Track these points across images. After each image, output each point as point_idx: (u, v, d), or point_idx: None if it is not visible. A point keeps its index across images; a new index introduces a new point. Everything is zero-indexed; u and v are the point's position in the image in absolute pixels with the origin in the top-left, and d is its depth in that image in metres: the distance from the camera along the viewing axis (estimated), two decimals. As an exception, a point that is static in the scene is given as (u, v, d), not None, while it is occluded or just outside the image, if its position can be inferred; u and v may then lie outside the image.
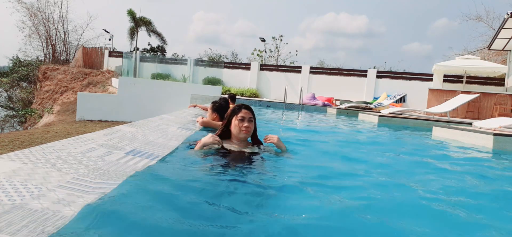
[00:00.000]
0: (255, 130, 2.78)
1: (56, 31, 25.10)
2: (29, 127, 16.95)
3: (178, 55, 32.54)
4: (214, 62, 22.81)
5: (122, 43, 67.00)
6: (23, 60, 23.23)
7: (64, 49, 25.70)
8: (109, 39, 28.24)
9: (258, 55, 27.73)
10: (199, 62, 21.92)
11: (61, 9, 25.51)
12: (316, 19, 56.89)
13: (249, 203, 1.67)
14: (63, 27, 25.26)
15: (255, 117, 2.77)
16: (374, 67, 23.54)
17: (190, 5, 67.91)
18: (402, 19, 57.43)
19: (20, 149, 1.75)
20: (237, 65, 20.56)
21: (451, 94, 12.27)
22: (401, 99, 15.43)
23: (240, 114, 2.67)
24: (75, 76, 20.47)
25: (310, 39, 52.89)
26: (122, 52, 22.65)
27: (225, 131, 2.74)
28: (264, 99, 16.21)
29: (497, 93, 12.10)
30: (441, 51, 57.14)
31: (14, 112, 20.85)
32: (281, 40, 28.32)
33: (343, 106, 12.06)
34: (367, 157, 3.52)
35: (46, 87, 19.95)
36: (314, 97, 15.01)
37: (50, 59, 24.52)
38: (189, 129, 3.69)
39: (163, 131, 3.24)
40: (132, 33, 22.50)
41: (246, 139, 2.75)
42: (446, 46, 67.81)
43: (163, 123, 3.79)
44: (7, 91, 21.98)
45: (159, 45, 29.97)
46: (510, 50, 14.15)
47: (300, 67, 18.61)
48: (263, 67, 19.44)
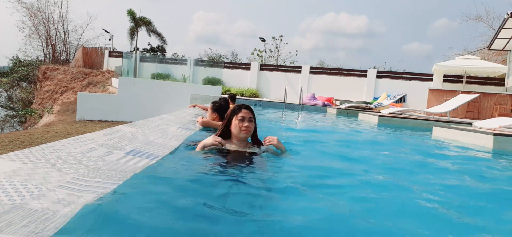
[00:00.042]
0: (255, 130, 2.79)
1: (56, 31, 25.13)
2: (29, 127, 16.95)
3: (178, 55, 32.55)
4: (214, 62, 22.81)
5: (122, 43, 67.06)
6: (23, 60, 23.23)
7: (64, 49, 25.72)
8: (109, 39, 28.25)
9: (258, 55, 27.74)
10: (199, 62, 21.91)
11: (61, 9, 25.54)
12: (316, 19, 56.92)
13: (249, 203, 1.67)
14: (63, 27, 25.28)
15: (255, 117, 2.78)
16: (374, 67, 23.56)
17: (190, 5, 67.94)
18: (402, 19, 57.46)
19: (20, 149, 1.75)
20: (237, 65, 20.55)
21: (451, 94, 12.27)
22: (401, 99, 15.42)
23: (240, 114, 2.68)
24: (75, 76, 20.47)
25: (310, 39, 52.92)
26: (122, 52, 22.65)
27: (225, 131, 2.75)
28: (264, 99, 16.21)
29: (497, 93, 12.09)
30: (441, 51, 57.20)
31: (14, 112, 20.84)
32: (281, 40, 28.35)
33: (343, 106, 12.06)
34: (367, 157, 3.52)
35: (46, 87, 19.95)
36: (314, 97, 15.01)
37: (50, 59, 24.51)
38: (189, 129, 3.69)
39: (163, 131, 3.24)
40: (132, 33, 22.50)
41: (247, 139, 2.75)
42: (446, 46, 67.85)
43: (163, 123, 3.79)
44: (7, 91, 21.98)
45: (159, 45, 29.98)
46: (510, 50, 14.15)
47: (300, 67, 18.61)
48: (263, 67, 19.44)
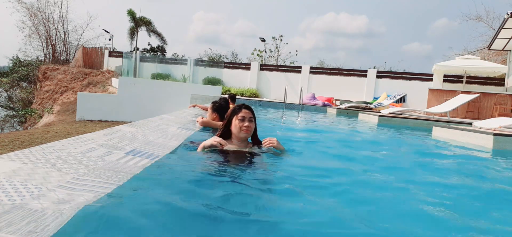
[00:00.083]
0: (255, 130, 2.79)
1: (56, 31, 25.13)
2: (29, 127, 16.95)
3: (178, 55, 32.55)
4: (214, 62, 22.81)
5: (122, 43, 67.03)
6: (23, 60, 23.23)
7: (64, 49, 25.73)
8: (109, 39, 28.24)
9: (258, 55, 27.74)
10: (199, 62, 21.92)
11: (61, 9, 25.55)
12: (316, 19, 56.91)
13: (249, 204, 1.67)
14: (63, 27, 25.30)
15: (255, 117, 2.78)
16: (374, 67, 23.56)
17: (190, 5, 67.95)
18: (402, 19, 57.46)
19: (20, 149, 1.75)
20: (237, 65, 20.55)
21: (451, 94, 12.27)
22: (401, 99, 15.42)
23: (240, 114, 2.68)
24: (75, 76, 20.47)
25: (310, 39, 52.92)
26: (122, 52, 22.65)
27: (225, 131, 2.75)
28: (264, 99, 16.21)
29: (497, 93, 12.09)
30: (441, 51, 57.19)
31: (14, 112, 20.84)
32: (281, 40, 28.35)
33: (343, 106, 12.06)
34: (367, 157, 3.52)
35: (46, 87, 19.95)
36: (314, 97, 15.01)
37: (50, 59, 24.52)
38: (189, 129, 3.69)
39: (163, 131, 3.24)
40: (132, 33, 22.50)
41: (247, 139, 2.75)
42: (446, 46, 67.84)
43: (163, 123, 3.79)
44: (7, 91, 21.98)
45: (159, 45, 29.99)
46: (510, 50, 14.15)
47: (300, 67, 18.61)
48: (263, 67, 19.44)
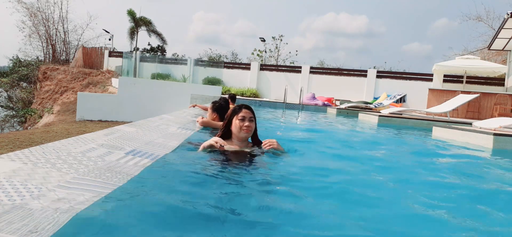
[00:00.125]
0: (255, 130, 2.79)
1: (56, 31, 25.13)
2: (29, 127, 16.95)
3: (178, 55, 32.55)
4: (214, 62, 22.81)
5: (122, 43, 66.98)
6: (23, 60, 23.23)
7: (64, 49, 25.72)
8: (109, 39, 28.22)
9: (258, 55, 27.73)
10: (199, 62, 21.91)
11: (61, 9, 25.53)
12: (316, 19, 56.92)
13: (249, 204, 1.67)
14: (63, 27, 25.29)
15: (255, 117, 2.78)
16: (374, 67, 23.56)
17: (190, 5, 67.94)
18: (402, 19, 57.46)
19: (20, 149, 1.75)
20: (237, 65, 20.55)
21: (451, 94, 12.27)
22: (401, 99, 15.42)
23: (240, 114, 2.68)
24: (75, 76, 20.47)
25: (310, 39, 52.91)
26: (122, 52, 22.64)
27: (225, 131, 2.75)
28: (264, 99, 16.21)
29: (497, 93, 12.09)
30: (441, 51, 57.19)
31: (14, 112, 20.84)
32: (281, 40, 28.34)
33: (343, 106, 12.06)
34: (367, 157, 3.52)
35: (46, 87, 19.95)
36: (314, 97, 15.01)
37: (50, 59, 24.51)
38: (189, 129, 3.69)
39: (163, 131, 3.24)
40: (132, 33, 22.49)
41: (247, 139, 2.75)
42: (446, 46, 67.84)
43: (163, 123, 3.79)
44: (7, 91, 21.98)
45: (159, 45, 29.98)
46: (510, 50, 14.15)
47: (300, 67, 18.61)
48: (263, 67, 19.44)
